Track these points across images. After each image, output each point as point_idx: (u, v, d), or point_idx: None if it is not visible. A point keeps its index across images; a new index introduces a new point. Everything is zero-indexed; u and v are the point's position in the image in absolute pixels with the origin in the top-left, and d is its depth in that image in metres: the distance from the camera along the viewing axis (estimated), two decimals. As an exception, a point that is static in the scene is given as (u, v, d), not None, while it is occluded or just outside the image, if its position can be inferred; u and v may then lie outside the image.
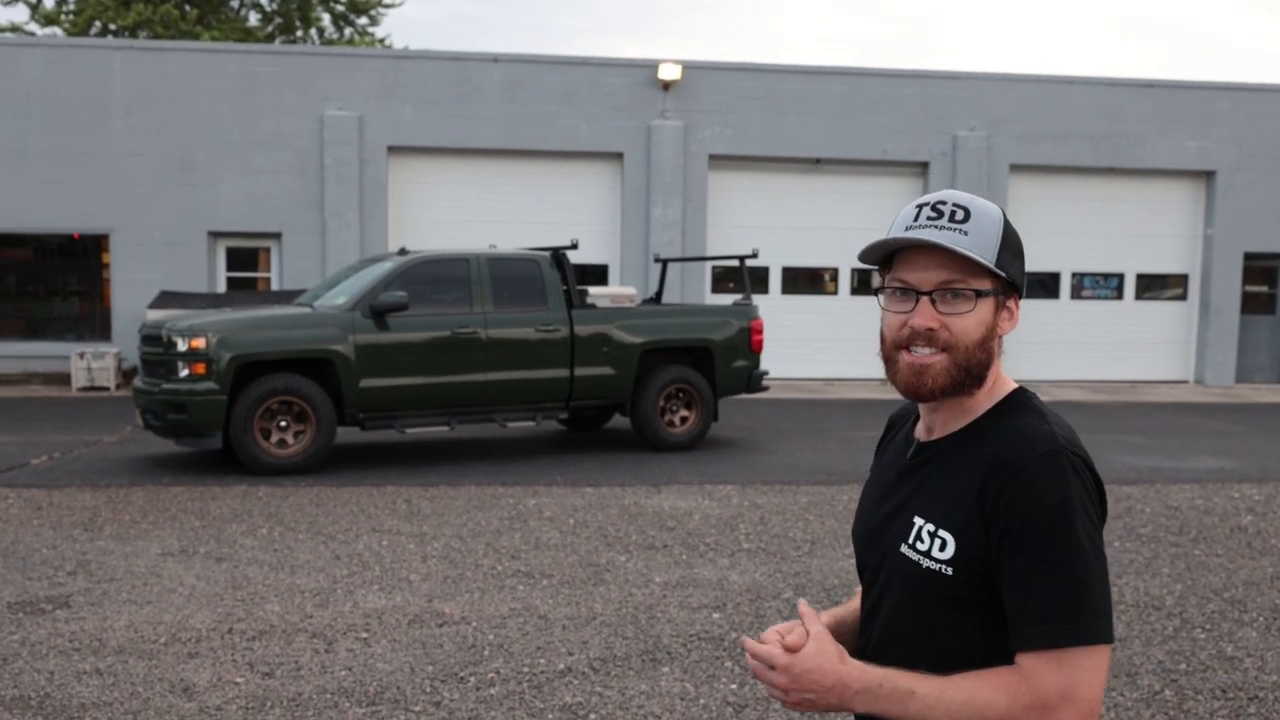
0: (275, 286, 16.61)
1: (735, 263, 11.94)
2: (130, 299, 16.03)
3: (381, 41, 31.53)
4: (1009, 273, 1.49)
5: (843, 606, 1.76)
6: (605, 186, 17.29)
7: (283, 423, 8.88)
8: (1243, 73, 67.12)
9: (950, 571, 1.44)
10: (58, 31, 27.46)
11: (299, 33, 30.47)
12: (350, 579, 5.83)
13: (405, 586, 5.70)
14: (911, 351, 1.50)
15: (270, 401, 8.78)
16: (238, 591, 5.58)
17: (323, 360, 8.99)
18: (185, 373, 8.65)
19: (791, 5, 69.08)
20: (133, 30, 26.85)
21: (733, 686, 4.36)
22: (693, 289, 17.04)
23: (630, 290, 14.41)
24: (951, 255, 1.46)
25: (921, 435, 1.60)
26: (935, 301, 1.48)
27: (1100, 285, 18.50)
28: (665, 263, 12.16)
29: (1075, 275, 18.35)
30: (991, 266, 1.47)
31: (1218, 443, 11.62)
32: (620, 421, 11.67)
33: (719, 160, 17.31)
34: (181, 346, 8.67)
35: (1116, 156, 17.89)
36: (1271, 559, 6.54)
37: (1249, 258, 18.33)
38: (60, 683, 4.32)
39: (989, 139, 17.51)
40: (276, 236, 16.62)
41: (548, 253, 10.22)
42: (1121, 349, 18.42)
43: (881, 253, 1.54)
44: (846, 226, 17.37)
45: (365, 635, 4.92)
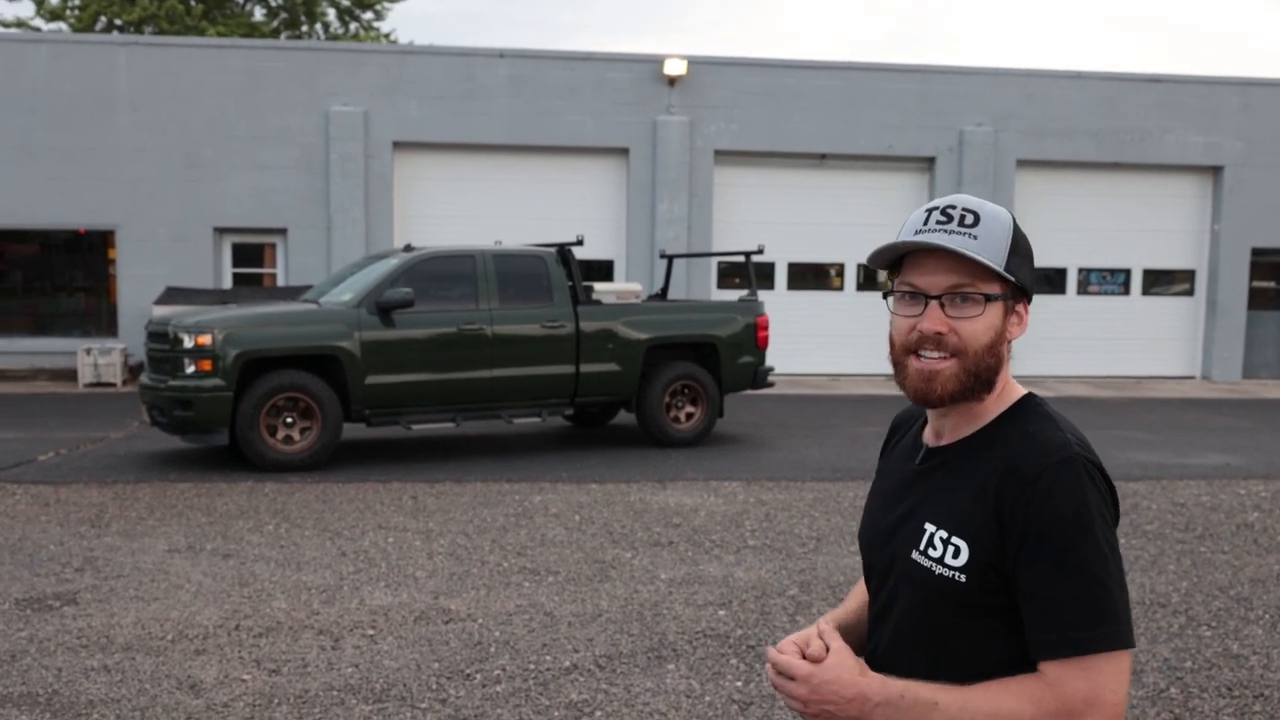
0: (281, 282, 16.64)
1: (741, 259, 11.93)
2: (136, 295, 16.06)
3: (386, 37, 31.52)
4: (1018, 277, 1.49)
5: (841, 609, 1.76)
6: (610, 182, 17.28)
7: (289, 419, 8.90)
8: (1250, 67, 66.89)
9: (963, 578, 1.44)
10: (63, 27, 27.51)
11: (304, 28, 30.48)
12: (356, 575, 5.85)
13: (411, 583, 5.71)
14: (920, 357, 1.50)
15: (276, 398, 8.80)
16: (244, 588, 5.60)
17: (329, 357, 9.01)
18: (191, 369, 8.67)
19: (797, 0, 68.99)
20: (138, 25, 26.88)
21: (738, 684, 4.36)
22: (698, 285, 17.04)
23: (635, 286, 14.42)
24: (960, 259, 1.46)
25: (930, 440, 1.59)
26: (944, 306, 1.48)
27: (1107, 281, 18.46)
28: (671, 259, 12.17)
29: (1082, 271, 18.31)
30: (1001, 271, 1.47)
31: (1224, 439, 11.60)
32: (625, 418, 11.68)
33: (724, 156, 17.30)
34: (188, 343, 8.69)
35: (1123, 151, 17.85)
36: (1278, 556, 6.52)
37: (1256, 253, 18.28)
38: (68, 679, 4.33)
39: (995, 134, 17.47)
40: (282, 232, 16.64)
41: (553, 249, 10.22)
42: (1128, 344, 18.38)
43: (890, 256, 1.54)
44: (852, 222, 17.37)
45: (371, 632, 4.93)
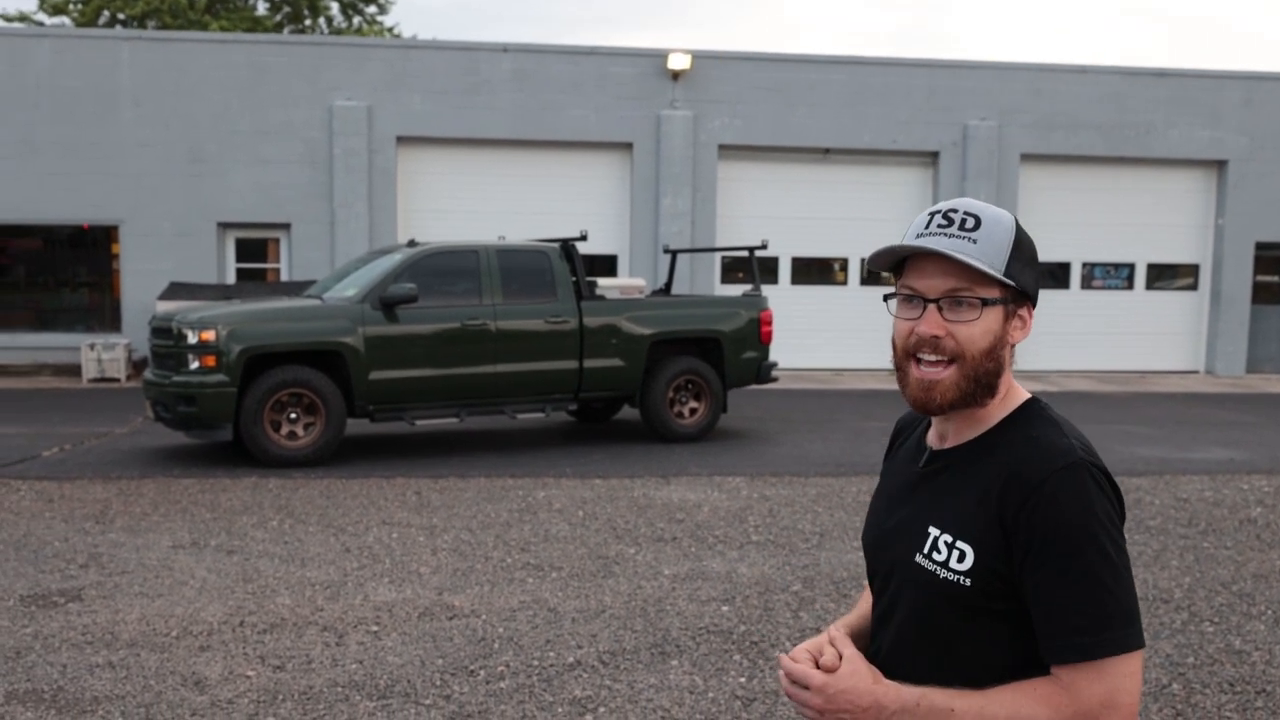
0: (285, 277, 16.64)
1: (745, 254, 11.92)
2: (140, 290, 16.08)
3: (390, 31, 31.49)
4: (1019, 281, 1.49)
5: (852, 614, 1.76)
6: (614, 177, 17.26)
7: (293, 415, 8.91)
8: (1255, 61, 66.70)
9: (968, 583, 1.44)
10: (66, 21, 27.50)
11: (307, 22, 30.46)
12: (361, 571, 5.86)
13: (415, 579, 5.72)
14: (920, 365, 1.50)
15: (280, 394, 8.81)
16: (249, 584, 5.61)
17: (332, 352, 9.02)
18: (195, 365, 8.69)
19: (800, -7, 68.79)
20: (141, 20, 26.88)
21: (741, 680, 4.37)
22: (702, 280, 17.03)
23: (639, 281, 14.41)
24: (958, 263, 1.46)
25: (934, 443, 1.59)
26: (942, 309, 1.48)
27: (1111, 275, 18.43)
28: (674, 254, 12.16)
29: (1086, 265, 18.29)
30: (997, 275, 1.46)
31: (1228, 434, 11.59)
32: (629, 413, 11.68)
33: (728, 150, 17.27)
34: (192, 339, 8.70)
35: (1127, 146, 17.81)
36: (1282, 552, 6.52)
37: (1260, 247, 18.24)
38: (73, 675, 4.35)
39: (999, 129, 17.43)
40: (286, 227, 16.64)
41: (557, 244, 10.22)
42: (1131, 339, 18.36)
43: (889, 259, 1.54)
44: (856, 217, 17.35)
45: (376, 628, 4.94)
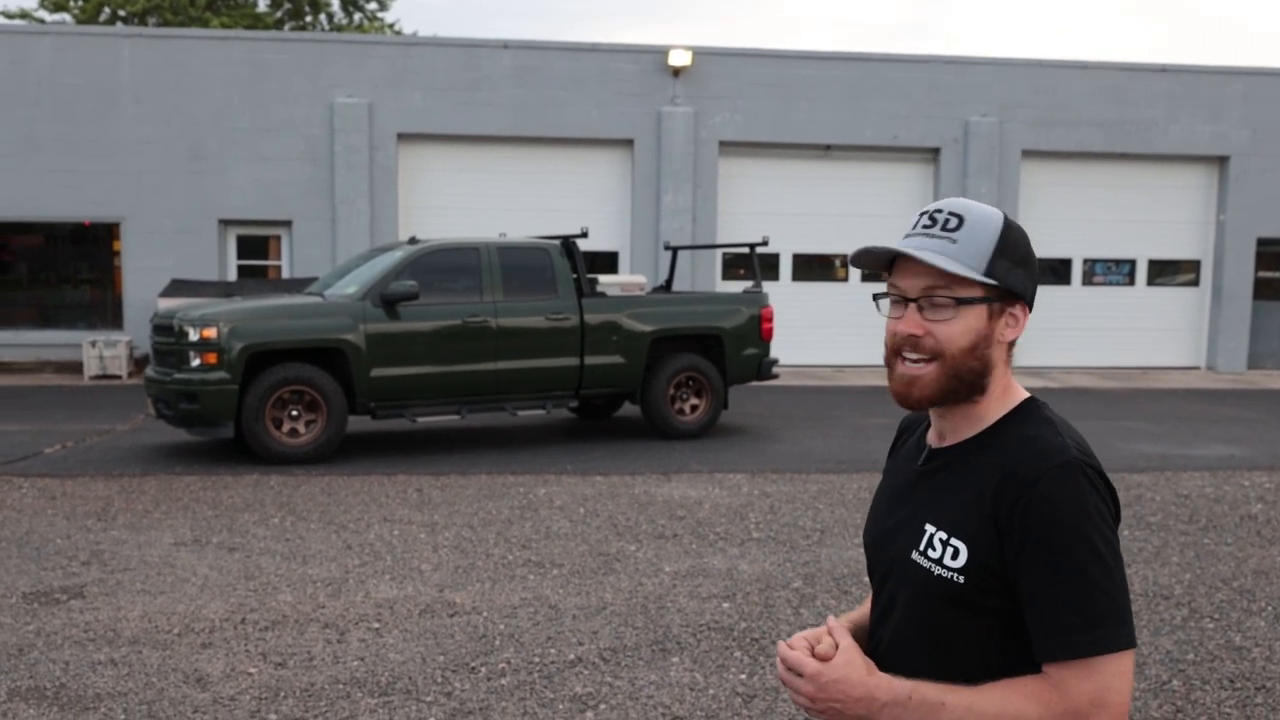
0: (286, 274, 16.65)
1: (745, 250, 11.92)
2: (141, 287, 16.09)
3: (390, 27, 31.48)
4: (1006, 280, 1.49)
5: (858, 611, 1.77)
6: (615, 173, 17.26)
7: (294, 412, 8.92)
8: (1255, 57, 66.60)
9: (962, 580, 1.46)
10: (67, 18, 27.49)
11: (308, 18, 30.44)
12: (362, 569, 5.87)
13: (417, 576, 5.74)
14: (904, 361, 1.53)
15: (282, 391, 8.82)
16: (250, 582, 5.63)
17: (334, 349, 9.03)
18: (197, 362, 8.70)
19: (802, -11, 68.70)
20: (141, 16, 26.87)
21: (742, 676, 4.38)
22: (703, 276, 17.03)
23: (640, 278, 14.40)
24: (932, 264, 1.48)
25: (933, 441, 1.61)
26: (922, 308, 1.50)
27: (1112, 271, 18.42)
28: (675, 250, 12.16)
29: (1087, 261, 18.27)
30: (969, 274, 1.47)
31: (1229, 430, 11.59)
32: (630, 410, 11.69)
33: (729, 147, 17.27)
34: (193, 336, 8.72)
35: (1128, 142, 17.80)
36: (1282, 548, 6.53)
37: (1262, 243, 18.23)
38: (75, 673, 4.36)
39: (1000, 125, 17.42)
40: (287, 224, 16.65)
41: (558, 241, 10.22)
42: (1133, 335, 18.36)
43: (868, 261, 1.57)
44: (857, 213, 17.35)
45: (377, 625, 4.95)
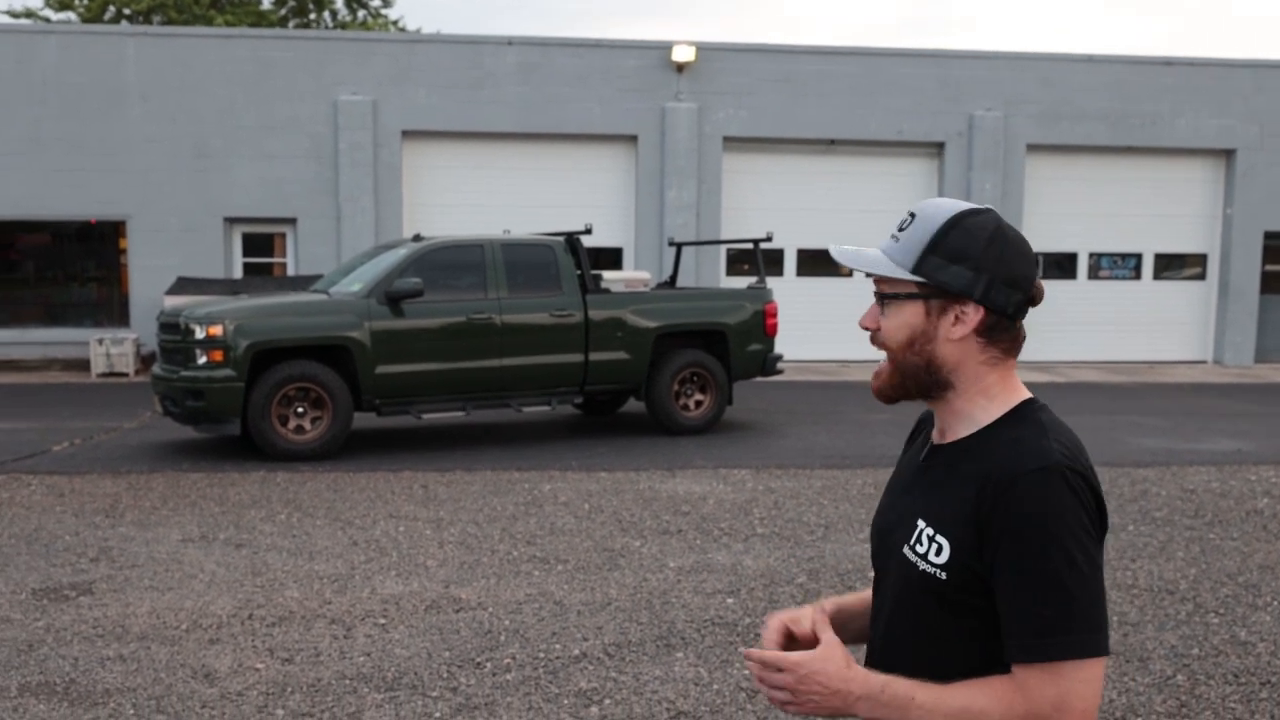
0: (291, 272, 16.70)
1: (750, 246, 11.92)
2: (148, 285, 16.15)
3: (395, 24, 31.49)
4: (935, 277, 1.50)
5: (852, 594, 1.80)
6: (619, 169, 17.27)
7: (300, 409, 8.95)
8: (1263, 49, 66.36)
9: (944, 576, 1.47)
10: (72, 16, 27.54)
11: (312, 16, 30.46)
12: (368, 565, 5.90)
13: (422, 572, 5.76)
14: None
15: (287, 388, 8.85)
16: (257, 578, 5.65)
17: (339, 347, 9.06)
18: (203, 360, 8.73)
19: (806, -17, 68.58)
20: (146, 15, 26.91)
21: (746, 672, 4.39)
22: (707, 272, 17.03)
23: (644, 274, 14.43)
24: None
25: (935, 438, 1.63)
26: (880, 305, 1.57)
27: (1118, 265, 18.39)
28: (680, 246, 12.17)
29: (1093, 255, 18.25)
30: (896, 274, 1.51)
31: (1235, 424, 11.57)
32: (635, 405, 11.71)
33: (733, 142, 17.26)
34: (199, 334, 8.75)
35: (1135, 135, 17.75)
36: (1287, 542, 6.52)
37: (1269, 237, 18.19)
38: (85, 668, 4.39)
39: (1006, 119, 17.39)
40: (292, 222, 16.69)
41: (562, 238, 10.24)
42: (1139, 329, 18.33)
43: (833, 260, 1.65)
44: (862, 208, 17.33)
45: (383, 621, 4.98)
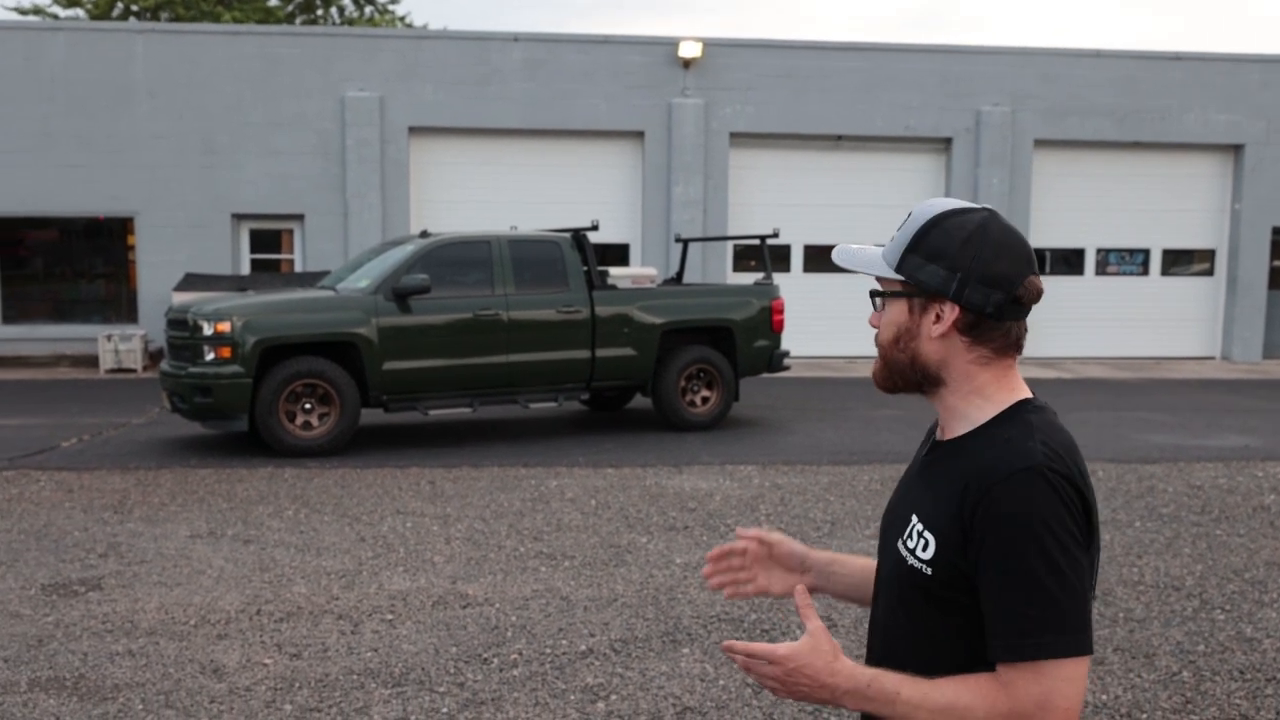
0: (298, 268, 16.73)
1: (756, 242, 11.92)
2: (156, 281, 16.19)
3: (402, 20, 31.50)
4: (914, 276, 1.52)
5: (848, 555, 1.85)
6: (626, 166, 17.26)
7: (307, 405, 8.98)
8: (1272, 44, 66.02)
9: (929, 572, 1.49)
10: (80, 13, 27.60)
11: (319, 12, 30.49)
12: (375, 561, 5.92)
13: (429, 568, 5.78)
14: None
15: (295, 384, 8.87)
16: (265, 573, 5.68)
17: (346, 343, 9.08)
18: (211, 356, 8.76)
19: (813, -22, 68.42)
20: (154, 11, 26.96)
21: (752, 668, 4.40)
22: (714, 268, 17.03)
23: (651, 271, 14.40)
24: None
25: (938, 436, 1.65)
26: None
27: (1125, 261, 18.34)
28: (686, 242, 12.17)
29: (1100, 251, 18.20)
30: (881, 273, 1.56)
31: (1243, 420, 11.55)
32: (641, 402, 11.72)
33: (740, 138, 17.25)
34: (207, 330, 8.78)
35: (1142, 130, 17.70)
36: (1294, 539, 6.51)
37: (1277, 232, 18.11)
38: (94, 664, 4.42)
39: (1013, 114, 17.35)
40: (299, 218, 16.72)
41: (568, 234, 10.25)
42: (1147, 325, 18.27)
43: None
44: (869, 204, 17.31)
45: (390, 617, 5.00)
